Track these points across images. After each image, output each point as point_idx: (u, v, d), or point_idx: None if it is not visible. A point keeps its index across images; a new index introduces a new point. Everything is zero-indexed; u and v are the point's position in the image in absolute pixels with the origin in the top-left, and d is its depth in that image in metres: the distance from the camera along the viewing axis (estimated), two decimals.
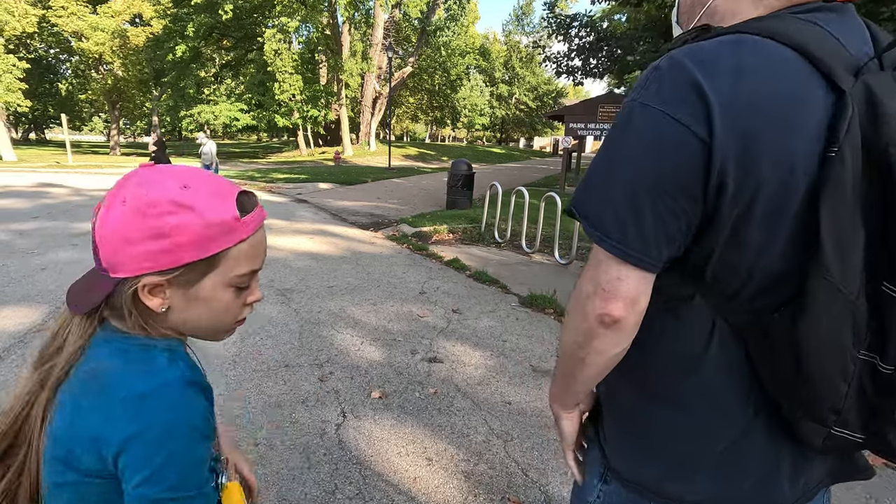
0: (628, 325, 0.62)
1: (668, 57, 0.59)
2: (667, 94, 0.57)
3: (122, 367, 0.59)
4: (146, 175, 0.59)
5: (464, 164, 9.37)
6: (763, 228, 0.57)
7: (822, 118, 0.54)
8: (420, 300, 4.09)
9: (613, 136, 0.62)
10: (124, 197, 0.57)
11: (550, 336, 3.46)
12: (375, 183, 14.50)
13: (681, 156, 0.56)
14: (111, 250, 0.58)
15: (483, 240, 6.67)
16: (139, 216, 0.56)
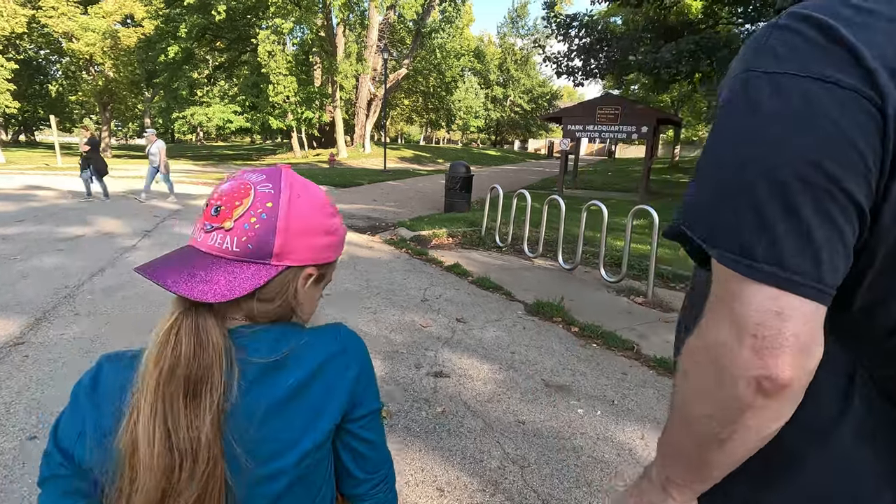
0: (797, 388, 0.43)
1: (790, 14, 0.45)
2: (806, 56, 0.43)
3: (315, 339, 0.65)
4: (298, 176, 0.65)
5: (462, 167, 9.21)
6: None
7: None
8: (422, 308, 3.92)
9: (732, 124, 0.46)
10: (298, 192, 0.62)
11: (560, 347, 3.29)
12: (371, 185, 14.31)
13: (848, 128, 0.40)
14: (289, 237, 0.60)
15: (483, 244, 6.50)
16: (318, 212, 0.63)
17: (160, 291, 4.21)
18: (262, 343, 0.60)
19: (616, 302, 4.35)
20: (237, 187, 0.60)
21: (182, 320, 0.56)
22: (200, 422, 0.55)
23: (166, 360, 0.55)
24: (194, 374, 0.55)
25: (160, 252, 4.09)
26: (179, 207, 8.89)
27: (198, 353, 0.56)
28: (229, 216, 0.59)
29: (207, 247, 0.59)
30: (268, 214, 0.59)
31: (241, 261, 0.59)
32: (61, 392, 2.44)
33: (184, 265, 0.58)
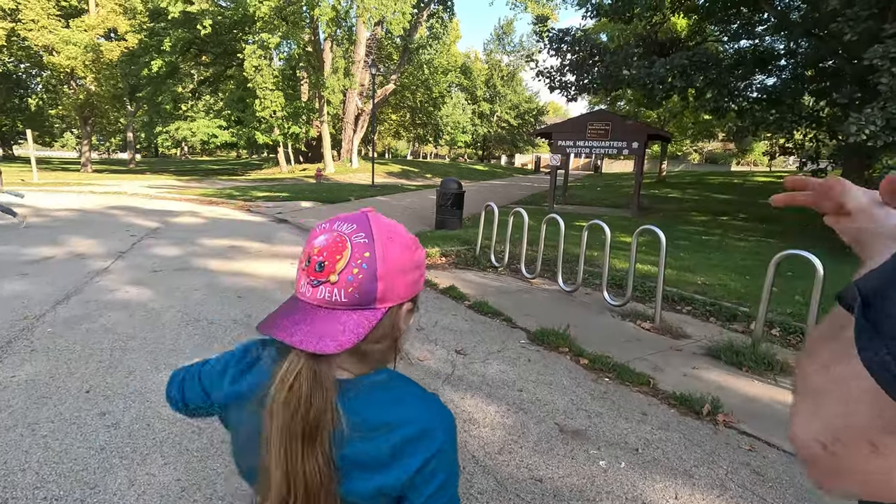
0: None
1: None
2: None
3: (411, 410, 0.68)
4: (383, 219, 0.69)
5: (453, 183, 9.00)
6: None
7: None
8: (418, 338, 3.62)
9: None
10: (389, 236, 0.66)
11: (570, 382, 3.02)
12: (359, 201, 14.03)
13: None
14: (390, 281, 0.64)
15: (478, 264, 6.25)
16: (407, 250, 0.68)
17: (128, 324, 3.88)
18: (363, 403, 0.65)
19: (623, 328, 4.10)
20: (334, 241, 0.64)
21: (301, 366, 0.62)
22: (315, 461, 0.62)
23: (290, 405, 0.61)
24: (312, 416, 0.61)
25: (133, 275, 3.76)
26: (159, 225, 8.49)
27: (316, 397, 0.62)
28: (333, 270, 0.63)
29: (317, 301, 0.63)
30: (367, 264, 0.63)
31: (350, 309, 0.63)
32: (1, 455, 2.10)
33: (300, 319, 0.63)
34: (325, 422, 0.62)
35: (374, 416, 0.64)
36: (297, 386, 0.62)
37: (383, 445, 0.64)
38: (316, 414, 0.61)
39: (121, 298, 4.24)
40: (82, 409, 2.45)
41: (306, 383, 0.62)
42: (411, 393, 0.70)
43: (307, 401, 0.61)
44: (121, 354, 3.10)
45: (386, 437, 0.64)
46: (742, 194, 19.22)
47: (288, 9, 22.32)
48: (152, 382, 2.76)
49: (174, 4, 21.73)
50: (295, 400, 0.61)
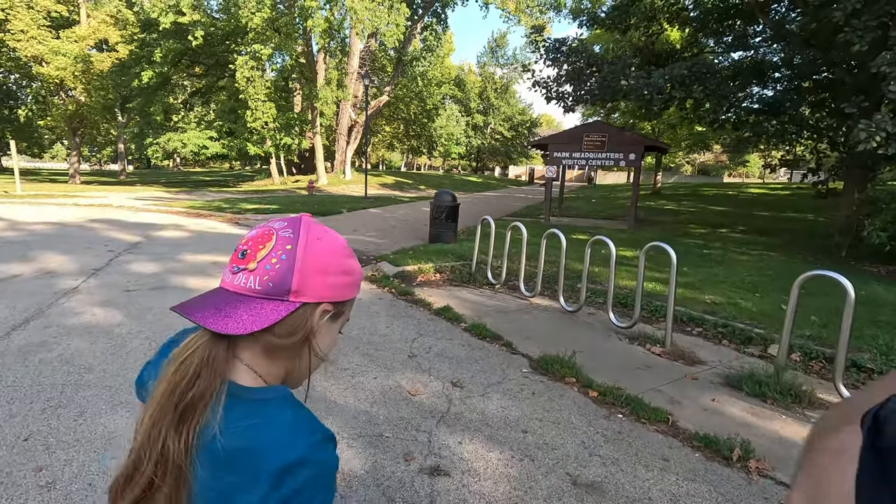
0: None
1: None
2: None
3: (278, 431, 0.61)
4: (318, 224, 0.69)
5: (448, 195, 8.72)
6: None
7: None
8: (410, 367, 3.29)
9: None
10: (317, 235, 0.67)
11: (581, 420, 2.70)
12: (351, 213, 13.72)
13: None
14: (306, 276, 0.64)
15: (474, 280, 5.94)
16: (335, 253, 0.68)
17: (88, 354, 3.48)
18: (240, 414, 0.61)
19: (632, 353, 3.80)
20: (261, 233, 0.66)
21: (199, 345, 0.62)
22: (177, 441, 0.58)
23: (171, 382, 0.59)
24: (187, 399, 0.58)
25: (104, 296, 3.36)
26: (140, 239, 8.13)
27: (198, 380, 0.59)
28: (253, 258, 0.64)
29: (233, 287, 0.64)
30: (287, 255, 0.64)
31: (262, 298, 0.63)
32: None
33: (212, 302, 0.63)
34: (200, 406, 0.59)
35: (238, 432, 0.59)
36: (188, 361, 0.60)
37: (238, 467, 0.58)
38: (196, 393, 0.59)
39: (85, 323, 3.88)
40: (15, 463, 2.10)
41: (198, 360, 0.60)
42: (284, 419, 0.62)
43: (192, 377, 0.59)
44: (73, 391, 2.74)
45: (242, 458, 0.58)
46: (737, 206, 19.12)
47: (281, 20, 22.20)
48: (103, 426, 2.41)
49: (165, 16, 21.53)
50: (180, 374, 0.60)
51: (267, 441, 0.58)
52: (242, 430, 0.59)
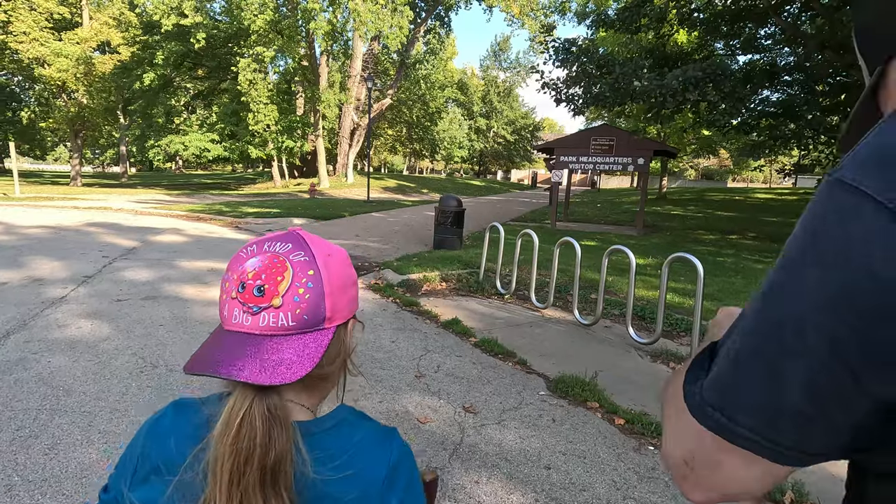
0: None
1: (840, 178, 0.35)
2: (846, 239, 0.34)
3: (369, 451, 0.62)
4: (317, 236, 0.65)
5: (453, 200, 8.46)
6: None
7: None
8: (417, 389, 3.03)
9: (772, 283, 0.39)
10: (327, 251, 0.62)
11: (608, 454, 2.43)
12: (353, 218, 13.48)
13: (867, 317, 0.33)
14: (335, 298, 0.61)
15: (482, 290, 5.67)
16: (346, 266, 0.65)
17: (69, 373, 3.11)
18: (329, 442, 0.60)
19: (655, 373, 3.53)
20: (271, 263, 0.59)
21: (249, 403, 0.55)
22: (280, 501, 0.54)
23: (242, 451, 0.53)
24: (272, 459, 0.53)
25: (93, 306, 2.96)
26: (137, 244, 7.89)
27: (273, 436, 0.54)
28: (276, 293, 0.57)
29: (262, 328, 0.57)
30: (313, 283, 0.59)
31: (301, 333, 0.58)
32: None
33: (242, 352, 0.56)
34: (287, 462, 0.54)
35: (339, 455, 0.58)
36: (249, 426, 0.53)
37: (350, 489, 0.57)
38: (277, 455, 0.53)
39: (69, 337, 3.63)
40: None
41: (261, 420, 0.54)
42: (373, 430, 0.65)
43: (265, 440, 0.53)
44: (48, 418, 2.49)
45: (352, 481, 0.57)
46: (745, 211, 18.84)
47: (283, 22, 22.05)
48: (76, 461, 2.15)
49: (167, 17, 21.39)
50: (248, 442, 0.53)
51: (365, 461, 0.60)
52: (336, 464, 0.58)
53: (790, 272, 0.37)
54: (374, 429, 0.65)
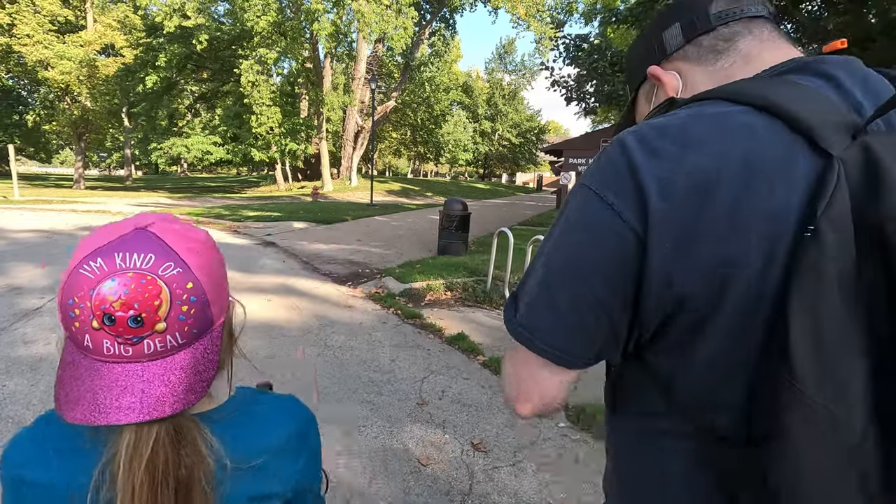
0: (546, 409, 0.59)
1: (617, 137, 0.53)
2: (601, 176, 0.52)
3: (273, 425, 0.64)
4: (173, 228, 0.57)
5: (458, 204, 8.09)
6: (733, 329, 0.47)
7: (800, 191, 0.44)
8: (419, 420, 2.65)
9: (556, 219, 0.57)
10: (188, 245, 0.56)
11: None
12: (356, 222, 13.13)
13: (604, 241, 0.50)
14: (216, 297, 0.57)
15: (490, 300, 5.29)
16: (211, 251, 0.59)
17: (23, 399, 2.51)
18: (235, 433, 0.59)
19: None
20: (139, 285, 0.50)
21: (161, 433, 0.52)
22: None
23: (155, 467, 0.51)
24: (184, 476, 0.53)
25: None
26: None
27: (182, 459, 0.53)
28: (156, 319, 0.51)
29: (149, 355, 0.52)
30: (195, 295, 0.54)
31: (192, 344, 0.55)
32: None
33: (132, 386, 0.51)
34: (197, 477, 0.54)
35: (253, 442, 0.60)
36: (160, 454, 0.51)
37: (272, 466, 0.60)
38: (188, 474, 0.53)
39: (34, 355, 3.28)
40: None
41: (170, 446, 0.52)
42: (274, 406, 0.67)
43: (176, 464, 0.52)
44: None
45: (271, 458, 0.60)
46: None
47: (287, 24, 21.82)
48: None
49: (170, 19, 21.22)
50: (161, 471, 0.51)
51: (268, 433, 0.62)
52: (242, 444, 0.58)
53: (561, 237, 0.54)
54: (273, 402, 0.67)
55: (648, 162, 0.47)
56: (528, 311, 0.54)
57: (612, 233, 0.49)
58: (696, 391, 0.50)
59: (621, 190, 0.48)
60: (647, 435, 0.57)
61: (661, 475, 0.56)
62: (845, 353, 0.41)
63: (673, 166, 0.46)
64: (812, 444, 0.41)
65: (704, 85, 0.59)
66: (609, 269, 0.49)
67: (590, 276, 0.50)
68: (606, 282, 0.49)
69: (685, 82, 0.62)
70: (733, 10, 0.59)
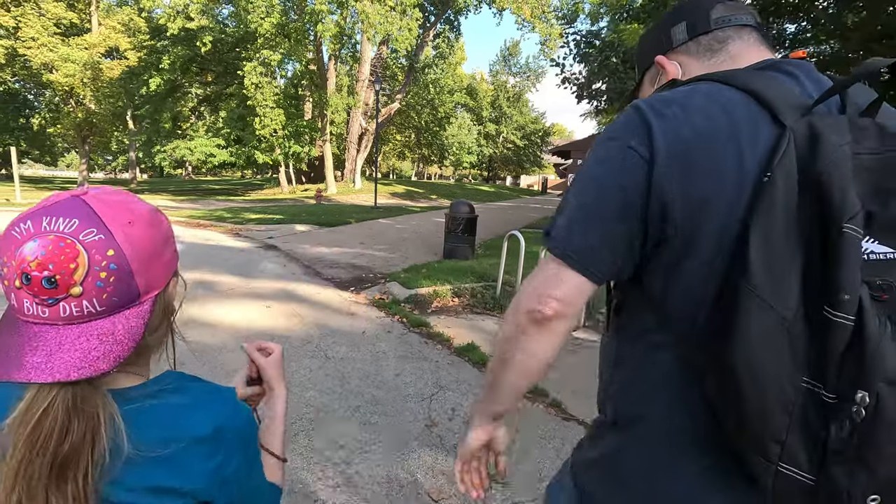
0: (558, 327, 0.67)
1: (632, 104, 0.68)
2: (623, 129, 0.66)
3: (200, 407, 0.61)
4: (109, 198, 0.57)
5: (465, 206, 7.83)
6: (708, 250, 0.61)
7: (762, 148, 0.60)
8: (428, 445, 2.39)
9: (582, 164, 0.71)
10: (127, 218, 0.56)
11: None
12: (359, 224, 12.90)
13: (627, 170, 0.64)
14: (147, 270, 0.56)
15: (499, 306, 5.02)
16: (153, 228, 0.58)
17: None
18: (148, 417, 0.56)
19: None
20: (57, 247, 0.50)
21: (58, 399, 0.51)
22: (63, 496, 0.51)
23: (36, 444, 0.50)
24: (65, 451, 0.51)
25: None
26: None
27: (71, 429, 0.51)
28: (71, 282, 0.51)
29: (65, 318, 0.52)
30: (116, 263, 0.53)
31: (112, 314, 0.54)
32: None
33: (47, 346, 0.51)
34: (84, 452, 0.51)
35: (166, 427, 0.57)
36: (49, 420, 0.50)
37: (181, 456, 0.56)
38: (72, 446, 0.51)
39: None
40: None
41: (63, 413, 0.51)
42: (203, 392, 0.62)
43: (61, 433, 0.50)
44: None
45: (183, 448, 0.56)
46: None
47: (290, 25, 21.68)
48: None
49: (173, 21, 21.12)
50: (44, 435, 0.50)
51: (186, 422, 0.58)
52: (155, 428, 0.56)
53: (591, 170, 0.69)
54: (201, 390, 0.63)
55: (658, 120, 0.63)
56: (566, 232, 0.66)
57: (633, 164, 0.63)
58: (679, 303, 0.65)
59: (639, 138, 0.63)
60: (642, 348, 0.70)
61: (654, 378, 0.69)
62: (787, 265, 0.55)
63: (677, 124, 0.62)
64: (759, 326, 0.55)
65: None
66: (631, 192, 0.63)
67: (618, 196, 0.64)
68: (629, 202, 0.63)
69: (684, 72, 0.77)
70: (728, 18, 0.74)
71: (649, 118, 0.63)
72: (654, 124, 0.62)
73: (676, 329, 0.65)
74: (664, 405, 0.67)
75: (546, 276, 0.66)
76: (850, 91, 0.62)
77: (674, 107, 0.63)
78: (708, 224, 0.60)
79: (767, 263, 0.54)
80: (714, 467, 0.63)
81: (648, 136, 0.62)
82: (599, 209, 0.64)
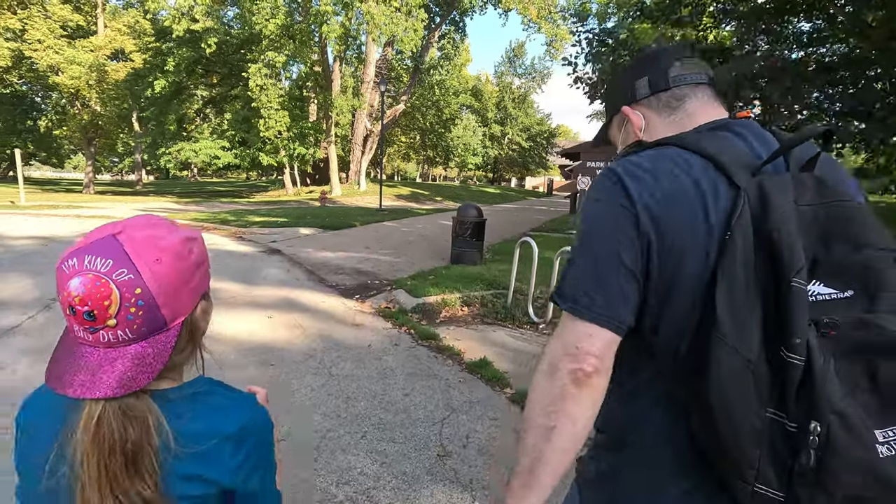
0: (600, 384, 0.69)
1: (608, 168, 0.77)
2: (608, 192, 0.74)
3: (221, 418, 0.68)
4: (140, 235, 0.63)
5: (473, 209, 7.62)
6: (687, 295, 0.69)
7: (723, 209, 0.67)
8: (440, 478, 2.18)
9: (578, 229, 0.77)
10: (154, 256, 0.61)
11: None
12: (364, 227, 12.71)
13: (624, 227, 0.70)
14: (173, 301, 0.63)
15: (511, 316, 4.80)
16: (181, 260, 0.64)
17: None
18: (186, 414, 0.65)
19: None
20: (94, 286, 0.58)
21: (108, 408, 0.59)
22: (144, 487, 0.59)
23: (105, 447, 0.59)
24: (130, 449, 0.59)
25: (46, 340, 2.21)
26: None
27: (128, 433, 0.59)
28: (107, 316, 0.59)
29: (105, 343, 0.60)
30: (144, 300, 0.60)
31: (143, 340, 0.61)
32: None
33: (93, 364, 0.60)
34: (145, 449, 0.60)
35: (201, 426, 0.64)
36: (104, 427, 0.59)
37: (202, 445, 0.63)
38: (134, 445, 0.59)
39: None
40: None
41: (116, 421, 0.59)
42: (230, 398, 0.70)
43: (121, 437, 0.59)
44: None
45: (216, 445, 0.64)
46: None
47: (295, 27, 21.57)
48: None
49: (178, 22, 21.06)
50: (106, 441, 0.59)
51: (216, 419, 0.66)
52: (191, 426, 0.63)
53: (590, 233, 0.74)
54: (228, 394, 0.71)
55: (635, 185, 0.71)
56: (584, 290, 0.70)
57: (627, 221, 0.70)
58: (664, 344, 0.71)
59: (624, 199, 0.71)
60: (631, 382, 0.77)
61: (647, 414, 0.75)
62: (749, 313, 0.62)
63: (650, 188, 0.70)
64: (728, 369, 0.61)
65: (661, 130, 0.83)
66: (631, 247, 0.69)
67: (621, 253, 0.69)
68: (632, 258, 0.69)
69: (647, 124, 0.85)
70: (684, 76, 0.83)
71: (627, 183, 0.71)
72: (630, 186, 0.71)
73: (659, 365, 0.73)
74: (650, 433, 0.74)
75: (577, 334, 0.69)
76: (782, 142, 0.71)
77: (645, 171, 0.72)
78: (683, 275, 0.68)
79: (732, 313, 0.62)
80: (694, 491, 0.71)
81: (628, 196, 0.70)
82: (608, 262, 0.70)
